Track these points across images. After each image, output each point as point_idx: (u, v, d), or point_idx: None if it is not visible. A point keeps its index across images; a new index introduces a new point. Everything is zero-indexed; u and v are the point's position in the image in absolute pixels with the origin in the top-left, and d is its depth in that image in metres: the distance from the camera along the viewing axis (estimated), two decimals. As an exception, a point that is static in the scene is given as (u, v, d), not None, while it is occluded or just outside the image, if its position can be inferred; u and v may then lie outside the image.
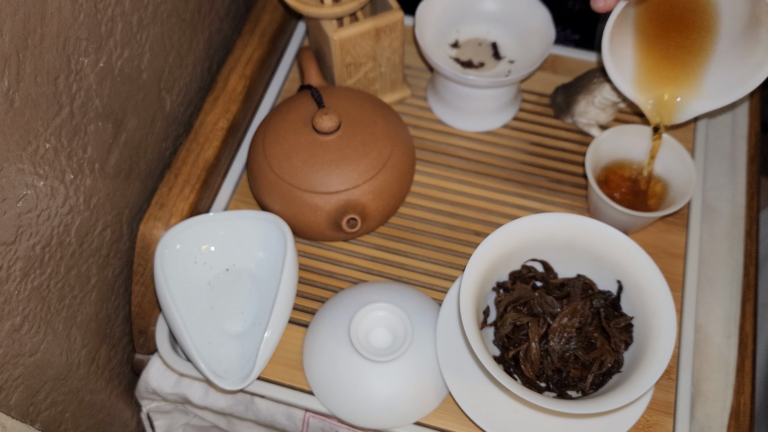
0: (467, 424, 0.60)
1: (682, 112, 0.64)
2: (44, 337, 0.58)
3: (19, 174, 0.50)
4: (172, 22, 0.68)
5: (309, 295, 0.67)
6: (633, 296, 0.59)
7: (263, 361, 0.60)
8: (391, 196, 0.66)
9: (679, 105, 0.64)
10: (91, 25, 0.55)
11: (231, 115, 0.72)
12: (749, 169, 0.76)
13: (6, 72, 0.47)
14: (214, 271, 0.67)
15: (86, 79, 0.56)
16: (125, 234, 0.67)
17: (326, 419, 0.63)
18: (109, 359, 0.70)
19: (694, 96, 0.63)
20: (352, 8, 0.68)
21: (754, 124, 0.79)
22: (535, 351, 0.57)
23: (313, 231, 0.66)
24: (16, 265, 0.53)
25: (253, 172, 0.68)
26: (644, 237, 0.70)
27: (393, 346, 0.59)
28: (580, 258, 0.61)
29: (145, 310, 0.66)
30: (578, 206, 0.72)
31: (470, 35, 0.81)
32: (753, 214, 0.74)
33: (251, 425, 0.68)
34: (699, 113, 0.63)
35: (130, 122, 0.64)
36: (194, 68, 0.74)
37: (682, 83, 0.63)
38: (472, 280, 0.57)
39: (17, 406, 0.57)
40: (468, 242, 0.70)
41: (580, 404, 0.52)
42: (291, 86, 0.82)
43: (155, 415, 0.71)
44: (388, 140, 0.67)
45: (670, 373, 0.63)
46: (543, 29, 0.76)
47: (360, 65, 0.73)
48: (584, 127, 0.75)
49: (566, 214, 0.60)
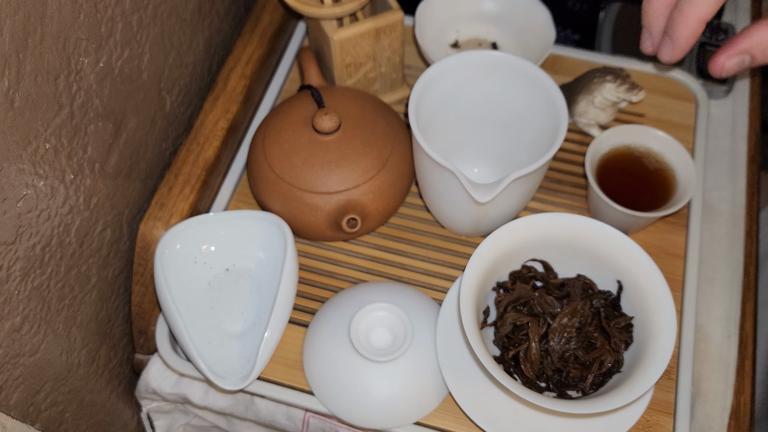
0: (467, 424, 0.60)
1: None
2: (44, 337, 0.58)
3: (19, 174, 0.50)
4: (172, 22, 0.68)
5: (309, 295, 0.67)
6: (633, 296, 0.59)
7: (263, 361, 0.60)
8: (391, 196, 0.66)
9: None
10: (91, 25, 0.55)
11: (231, 115, 0.72)
12: (749, 169, 0.76)
13: (6, 72, 0.47)
14: (214, 271, 0.67)
15: (86, 79, 0.56)
16: (125, 234, 0.67)
17: (326, 419, 0.63)
18: (109, 359, 0.70)
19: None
20: (352, 8, 0.68)
21: (754, 124, 0.79)
22: (535, 351, 0.57)
23: (313, 231, 0.66)
24: (16, 265, 0.53)
25: (253, 172, 0.68)
26: (644, 237, 0.70)
27: (393, 346, 0.59)
28: (580, 258, 0.61)
29: (145, 310, 0.66)
30: (578, 206, 0.72)
31: (470, 35, 0.81)
32: (753, 214, 0.74)
33: (251, 425, 0.68)
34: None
35: (130, 122, 0.64)
36: (194, 68, 0.74)
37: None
38: (472, 280, 0.56)
39: (17, 406, 0.57)
40: (468, 242, 0.70)
41: (580, 404, 0.52)
42: (291, 86, 0.82)
43: (155, 415, 0.71)
44: (388, 140, 0.67)
45: (670, 373, 0.63)
46: (543, 29, 0.76)
47: (360, 65, 0.73)
48: (584, 127, 0.75)
49: (566, 214, 0.60)
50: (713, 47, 0.83)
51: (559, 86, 0.77)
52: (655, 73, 0.81)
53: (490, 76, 0.66)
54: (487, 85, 0.66)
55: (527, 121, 0.66)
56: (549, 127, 0.62)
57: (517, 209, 0.64)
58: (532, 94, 0.64)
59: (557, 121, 0.61)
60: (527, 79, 0.64)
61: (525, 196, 0.63)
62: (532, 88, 0.64)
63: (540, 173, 0.60)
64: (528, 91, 0.64)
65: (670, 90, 0.79)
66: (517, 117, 0.67)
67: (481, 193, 0.57)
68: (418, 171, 0.64)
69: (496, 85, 0.66)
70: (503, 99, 0.67)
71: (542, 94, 0.63)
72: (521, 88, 0.65)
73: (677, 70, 0.80)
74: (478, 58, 0.65)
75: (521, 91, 0.65)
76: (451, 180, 0.58)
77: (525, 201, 0.64)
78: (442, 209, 0.66)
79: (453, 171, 0.57)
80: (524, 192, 0.61)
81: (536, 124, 0.64)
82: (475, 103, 0.68)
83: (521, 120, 0.66)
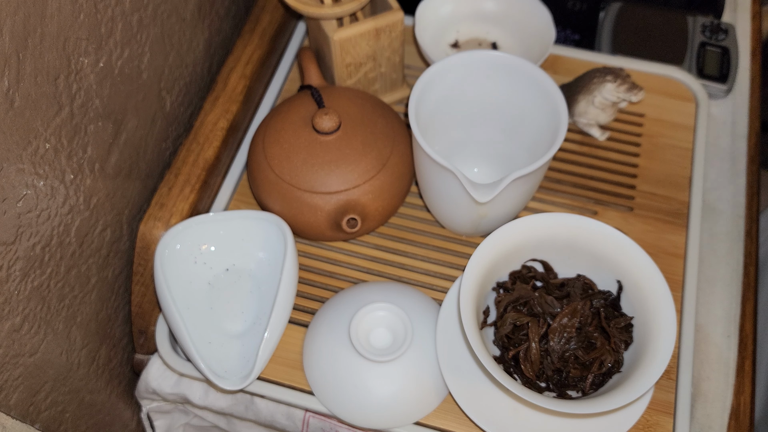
0: (467, 424, 0.60)
1: None
2: (44, 337, 0.58)
3: (19, 174, 0.50)
4: (172, 22, 0.68)
5: (309, 295, 0.67)
6: (633, 296, 0.59)
7: (263, 361, 0.60)
8: (391, 196, 0.66)
9: None
10: (91, 25, 0.55)
11: (231, 115, 0.72)
12: (749, 169, 0.76)
13: (6, 72, 0.47)
14: (214, 271, 0.67)
15: (86, 79, 0.56)
16: (125, 234, 0.67)
17: (326, 419, 0.63)
18: (109, 359, 0.70)
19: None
20: (352, 8, 0.68)
21: (754, 124, 0.79)
22: (535, 351, 0.57)
23: (313, 231, 0.66)
24: (16, 265, 0.53)
25: (253, 172, 0.68)
26: (644, 237, 0.70)
27: (393, 346, 0.59)
28: (580, 258, 0.61)
29: (145, 310, 0.66)
30: (578, 206, 0.72)
31: (470, 35, 0.81)
32: (753, 214, 0.74)
33: (251, 425, 0.68)
34: None
35: (130, 122, 0.64)
36: (194, 68, 0.74)
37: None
38: (472, 280, 0.56)
39: (17, 406, 0.57)
40: (468, 242, 0.70)
41: (580, 404, 0.52)
42: (291, 86, 0.82)
43: (155, 415, 0.71)
44: (388, 140, 0.67)
45: (670, 373, 0.63)
46: (543, 29, 0.76)
47: (360, 65, 0.73)
48: (584, 127, 0.75)
49: (566, 214, 0.60)
50: (713, 47, 0.83)
51: (559, 86, 0.77)
52: (655, 73, 0.81)
53: (490, 76, 0.66)
54: (487, 85, 0.66)
55: (527, 121, 0.66)
56: (549, 127, 0.62)
57: (517, 209, 0.64)
58: (532, 94, 0.64)
59: (557, 121, 0.61)
60: (527, 79, 0.64)
61: (525, 196, 0.63)
62: (532, 88, 0.64)
63: (540, 173, 0.60)
64: (528, 91, 0.64)
65: (670, 90, 0.79)
66: (517, 117, 0.67)
67: (481, 193, 0.57)
68: (418, 171, 0.64)
69: (496, 85, 0.66)
70: (503, 99, 0.67)
71: (542, 94, 0.63)
72: (521, 88, 0.65)
73: (677, 70, 0.80)
74: (478, 58, 0.65)
75: (521, 91, 0.65)
76: (451, 180, 0.58)
77: (525, 201, 0.64)
78: (442, 209, 0.66)
79: (453, 171, 0.57)
80: (524, 192, 0.61)
81: (536, 124, 0.64)
82: (475, 103, 0.68)
83: (521, 120, 0.66)
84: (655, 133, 0.77)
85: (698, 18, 0.85)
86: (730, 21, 0.87)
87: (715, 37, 0.83)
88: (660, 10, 0.86)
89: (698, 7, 0.87)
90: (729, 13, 0.88)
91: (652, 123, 0.77)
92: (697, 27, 0.84)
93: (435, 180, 0.61)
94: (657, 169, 0.74)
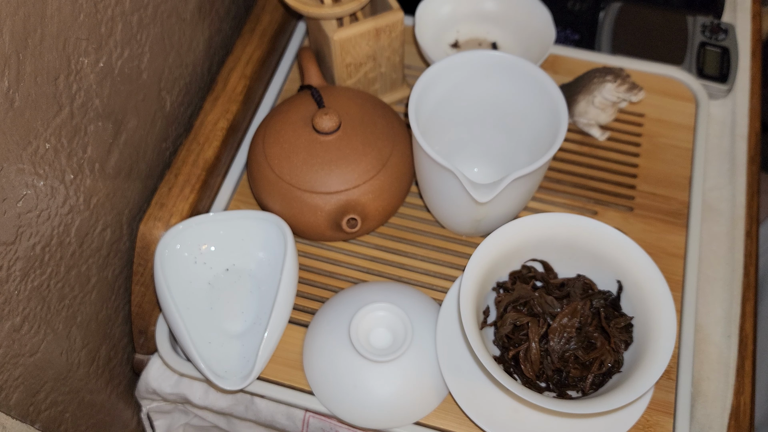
0: (467, 424, 0.60)
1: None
2: (44, 337, 0.58)
3: (19, 174, 0.50)
4: (172, 22, 0.68)
5: (309, 295, 0.67)
6: (633, 296, 0.59)
7: (263, 361, 0.60)
8: (391, 196, 0.66)
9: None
10: (91, 25, 0.55)
11: (231, 115, 0.72)
12: (749, 169, 0.76)
13: (6, 72, 0.47)
14: (214, 271, 0.67)
15: (86, 79, 0.56)
16: (125, 234, 0.67)
17: (326, 419, 0.63)
18: (109, 359, 0.70)
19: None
20: (352, 8, 0.68)
21: (754, 124, 0.79)
22: (535, 351, 0.57)
23: (313, 231, 0.66)
24: (16, 265, 0.53)
25: (253, 172, 0.68)
26: (644, 237, 0.70)
27: (393, 346, 0.59)
28: (580, 258, 0.61)
29: (145, 310, 0.66)
30: (578, 206, 0.72)
31: (470, 35, 0.81)
32: (753, 214, 0.74)
33: (251, 425, 0.68)
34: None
35: (130, 122, 0.64)
36: (194, 68, 0.74)
37: None
38: (472, 280, 0.57)
39: (17, 406, 0.57)
40: (468, 242, 0.70)
41: (580, 404, 0.52)
42: (291, 86, 0.82)
43: (155, 415, 0.71)
44: (388, 140, 0.67)
45: (670, 373, 0.63)
46: (543, 29, 0.76)
47: (360, 65, 0.73)
48: (584, 127, 0.75)
49: (566, 214, 0.60)
50: (713, 47, 0.83)
51: (559, 86, 0.78)
52: (655, 73, 0.81)
53: (490, 76, 0.66)
54: (487, 85, 0.66)
55: (527, 121, 0.66)
56: (549, 127, 0.62)
57: (517, 209, 0.64)
58: (532, 94, 0.64)
59: (557, 121, 0.61)
60: (527, 79, 0.64)
61: (525, 196, 0.63)
62: (532, 88, 0.64)
63: (540, 173, 0.60)
64: (528, 91, 0.64)
65: (670, 90, 0.79)
66: (517, 117, 0.67)
67: (481, 193, 0.57)
68: (418, 171, 0.64)
69: (496, 85, 0.66)
70: (503, 99, 0.67)
71: (542, 94, 0.63)
72: (521, 88, 0.65)
73: (677, 70, 0.80)
74: (478, 58, 0.65)
75: (521, 91, 0.65)
76: (451, 180, 0.58)
77: (525, 201, 0.64)
78: (442, 209, 0.66)
79: (453, 171, 0.57)
80: (524, 192, 0.61)
81: (536, 124, 0.64)
82: (475, 103, 0.68)
83: (521, 120, 0.66)
84: (655, 133, 0.77)
85: (698, 18, 0.85)
86: (730, 21, 0.87)
87: (715, 37, 0.83)
88: (660, 10, 0.86)
89: (698, 7, 0.87)
90: (729, 13, 0.88)
91: (652, 123, 0.77)
92: (697, 27, 0.84)
93: (435, 180, 0.61)
94: (657, 169, 0.74)
